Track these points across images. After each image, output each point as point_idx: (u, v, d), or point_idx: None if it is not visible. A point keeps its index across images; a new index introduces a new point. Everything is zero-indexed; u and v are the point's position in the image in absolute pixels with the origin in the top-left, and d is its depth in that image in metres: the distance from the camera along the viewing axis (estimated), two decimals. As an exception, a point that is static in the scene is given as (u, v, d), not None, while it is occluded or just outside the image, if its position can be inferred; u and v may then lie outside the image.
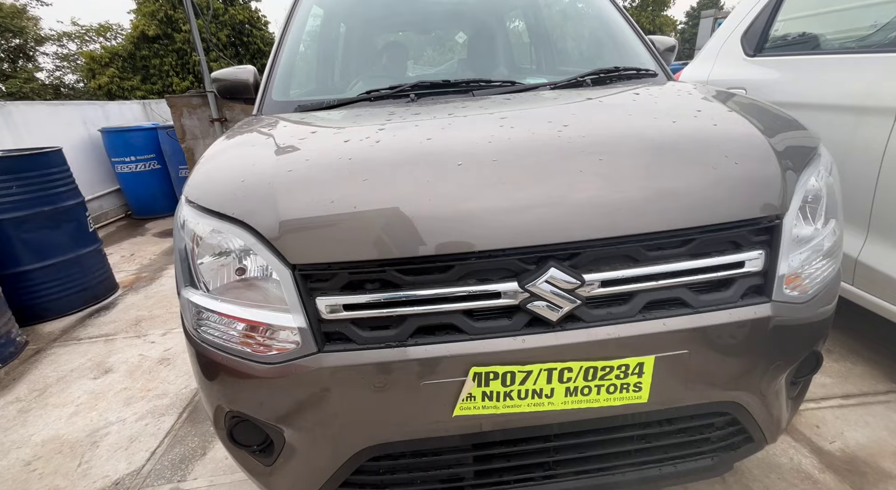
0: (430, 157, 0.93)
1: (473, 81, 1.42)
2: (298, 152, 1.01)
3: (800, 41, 2.11)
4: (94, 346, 2.45)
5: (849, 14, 2.05)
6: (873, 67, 1.61)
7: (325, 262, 0.84)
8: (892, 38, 1.65)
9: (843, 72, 1.72)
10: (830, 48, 1.97)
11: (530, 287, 0.83)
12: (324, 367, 0.85)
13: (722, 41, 2.47)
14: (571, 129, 0.99)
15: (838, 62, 1.77)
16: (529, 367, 0.85)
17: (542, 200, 0.84)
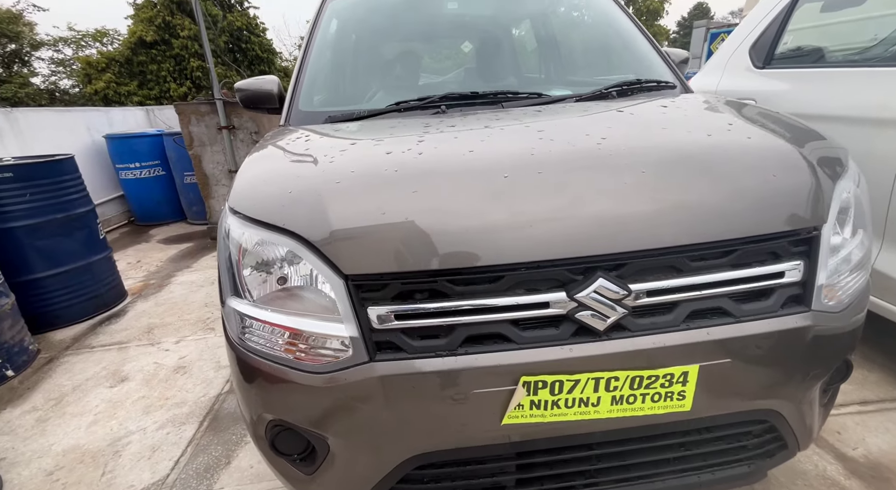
0: (476, 170, 0.95)
1: (501, 93, 1.45)
2: (343, 164, 1.03)
3: (810, 53, 2.16)
4: (108, 355, 2.44)
5: (860, 26, 2.10)
6: (890, 80, 1.66)
7: (378, 273, 0.86)
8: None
9: (858, 84, 1.76)
10: (844, 61, 2.02)
11: (578, 297, 0.85)
12: (375, 377, 0.86)
13: (729, 53, 2.52)
14: (610, 141, 1.01)
15: (853, 75, 1.82)
16: (577, 376, 0.87)
17: (589, 212, 0.86)
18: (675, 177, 0.91)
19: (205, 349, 2.41)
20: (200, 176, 4.27)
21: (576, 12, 1.90)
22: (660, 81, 1.58)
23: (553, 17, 1.92)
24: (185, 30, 14.23)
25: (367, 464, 0.96)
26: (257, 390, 0.99)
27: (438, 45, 1.81)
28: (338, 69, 1.76)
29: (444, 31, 1.84)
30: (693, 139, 1.02)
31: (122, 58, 15.05)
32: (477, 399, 0.88)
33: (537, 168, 0.94)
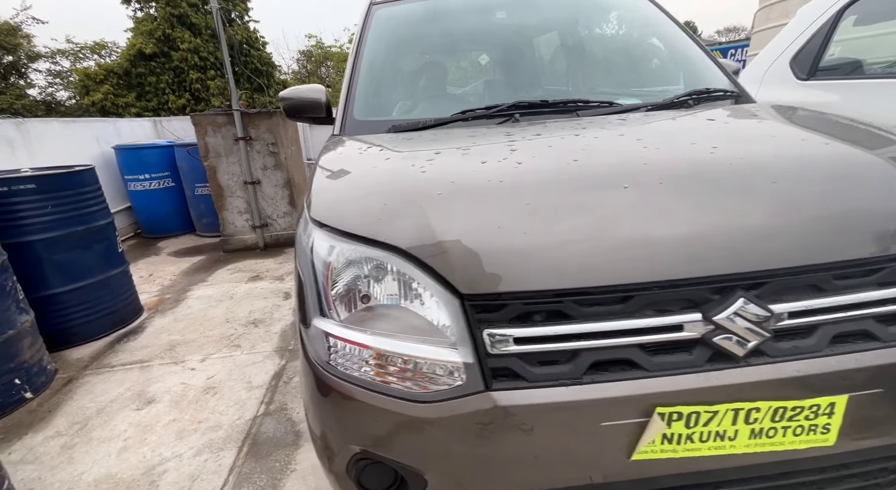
0: (590, 180, 0.89)
1: (571, 102, 1.39)
2: (437, 174, 0.96)
3: (861, 64, 2.14)
4: (131, 374, 2.32)
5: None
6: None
7: (497, 292, 0.78)
8: None
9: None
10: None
11: (717, 319, 0.77)
12: (492, 407, 0.78)
13: (766, 66, 2.50)
14: (723, 151, 0.95)
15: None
16: (715, 408, 0.79)
17: (724, 226, 0.80)
18: (809, 188, 0.85)
19: (233, 368, 2.30)
20: (215, 187, 4.18)
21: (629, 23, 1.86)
22: (726, 91, 1.54)
23: (607, 28, 1.89)
24: (185, 42, 14.25)
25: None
26: (345, 420, 0.90)
27: (489, 55, 1.75)
28: (391, 78, 1.70)
29: (496, 41, 1.79)
30: (812, 148, 0.97)
31: (121, 70, 15.04)
32: (605, 433, 0.79)
33: (656, 178, 0.87)
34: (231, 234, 4.33)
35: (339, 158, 1.20)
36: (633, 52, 1.81)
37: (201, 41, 14.60)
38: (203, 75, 14.65)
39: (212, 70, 14.77)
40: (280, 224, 4.36)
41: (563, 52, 1.82)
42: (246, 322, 2.83)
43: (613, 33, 1.88)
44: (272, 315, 2.91)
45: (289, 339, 2.58)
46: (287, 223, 4.36)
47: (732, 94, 1.55)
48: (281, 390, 2.07)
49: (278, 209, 4.33)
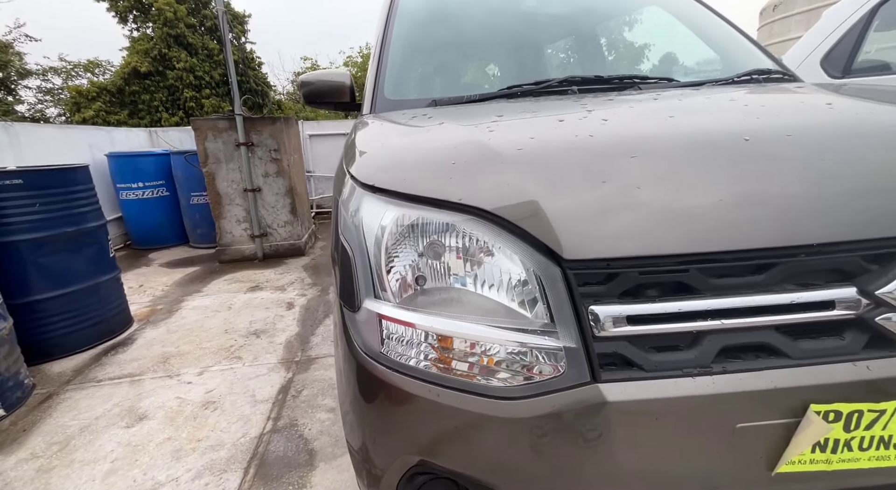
0: (700, 134, 0.75)
1: (628, 77, 1.28)
2: (510, 132, 0.82)
3: (887, 61, 2.09)
4: (119, 389, 2.09)
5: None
6: None
7: (606, 258, 0.63)
8: None
9: None
10: None
11: (880, 293, 0.62)
12: (602, 403, 0.61)
13: (796, 65, 2.45)
14: (833, 114, 0.83)
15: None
16: (882, 406, 0.63)
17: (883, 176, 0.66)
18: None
19: (234, 381, 2.08)
20: (213, 195, 4.01)
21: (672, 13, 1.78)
22: (784, 73, 1.44)
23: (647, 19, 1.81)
24: (181, 62, 14.27)
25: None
26: (401, 423, 0.73)
27: (527, 38, 1.65)
28: (424, 58, 1.58)
29: (536, 26, 1.69)
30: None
31: (114, 87, 14.96)
32: (742, 438, 0.63)
33: (782, 132, 0.74)
34: (228, 244, 4.13)
35: (380, 129, 1.06)
36: (679, 40, 1.72)
37: (197, 61, 14.64)
38: (198, 94, 14.62)
39: (207, 89, 14.75)
40: (280, 234, 4.18)
41: (606, 39, 1.73)
42: (247, 333, 2.62)
43: (654, 23, 1.80)
44: (275, 325, 2.71)
45: (295, 351, 2.37)
46: (288, 233, 4.18)
47: (789, 76, 1.46)
48: (290, 405, 1.86)
49: (279, 218, 4.15)
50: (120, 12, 14.74)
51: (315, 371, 2.14)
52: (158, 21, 14.22)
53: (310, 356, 2.30)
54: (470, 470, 0.70)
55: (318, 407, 1.84)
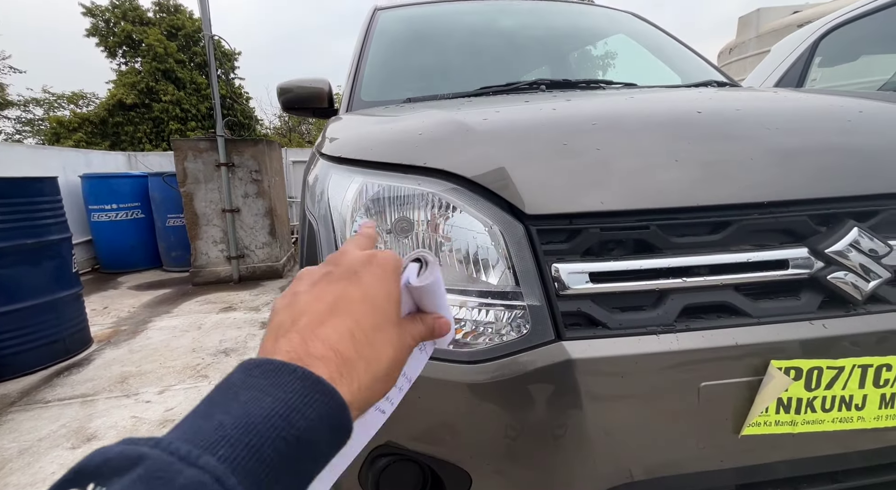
0: (656, 109, 0.78)
1: (593, 81, 1.34)
2: (477, 109, 0.84)
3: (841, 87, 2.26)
4: (69, 410, 1.94)
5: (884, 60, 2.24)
6: None
7: (568, 213, 0.63)
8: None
9: None
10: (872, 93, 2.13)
11: (831, 251, 0.64)
12: (568, 360, 0.60)
13: (751, 93, 2.63)
14: (782, 102, 0.88)
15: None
16: (840, 362, 0.63)
17: (822, 146, 0.70)
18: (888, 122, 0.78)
19: (197, 399, 1.95)
20: (190, 215, 3.94)
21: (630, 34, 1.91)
22: (732, 82, 1.55)
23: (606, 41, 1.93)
24: (168, 95, 14.39)
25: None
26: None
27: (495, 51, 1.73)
28: (398, 68, 1.64)
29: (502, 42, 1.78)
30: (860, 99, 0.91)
31: (97, 118, 14.90)
32: (706, 397, 0.62)
33: (734, 108, 0.78)
34: (202, 266, 4.01)
35: (353, 119, 1.07)
36: (637, 59, 1.84)
37: (184, 94, 14.79)
38: (183, 126, 14.67)
39: (193, 121, 14.85)
40: (258, 255, 4.10)
41: (570, 56, 1.83)
42: (216, 351, 2.50)
43: (616, 44, 1.92)
44: (247, 344, 2.60)
45: (264, 368, 2.26)
46: (266, 254, 4.11)
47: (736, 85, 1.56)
48: (254, 421, 1.75)
49: (257, 239, 4.09)
50: (109, 47, 14.94)
51: (284, 388, 2.04)
52: (148, 56, 14.41)
53: (280, 374, 2.20)
54: (435, 447, 0.66)
55: (284, 423, 1.74)
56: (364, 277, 0.34)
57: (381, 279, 0.34)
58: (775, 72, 2.52)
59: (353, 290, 0.33)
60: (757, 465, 0.66)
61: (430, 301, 0.39)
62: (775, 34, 4.18)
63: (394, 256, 0.37)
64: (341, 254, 0.37)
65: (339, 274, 0.34)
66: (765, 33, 4.64)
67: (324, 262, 0.37)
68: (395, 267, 0.36)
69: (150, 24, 14.74)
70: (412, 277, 0.38)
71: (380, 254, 0.36)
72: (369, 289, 0.33)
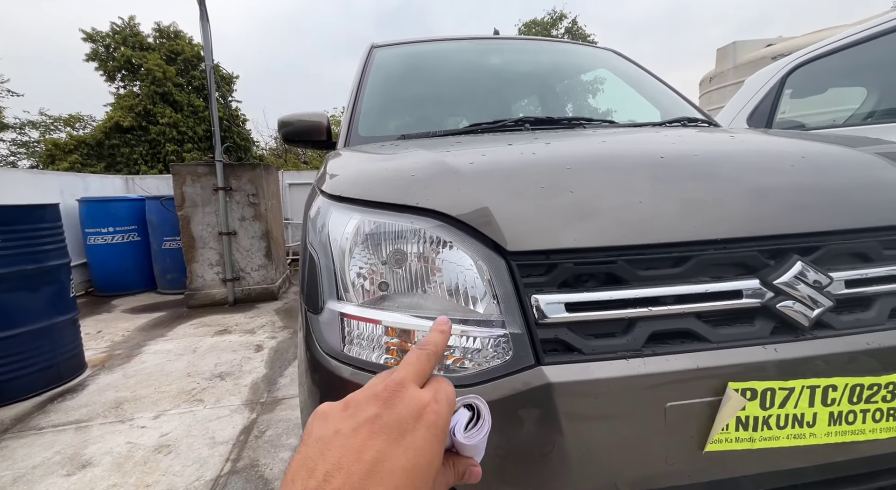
0: (627, 153, 0.88)
1: (576, 119, 1.45)
2: (464, 152, 0.93)
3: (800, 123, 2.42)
4: (63, 436, 1.94)
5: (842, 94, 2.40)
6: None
7: (546, 250, 0.71)
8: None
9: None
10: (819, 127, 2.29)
11: (779, 282, 0.72)
12: (545, 384, 0.66)
13: (728, 122, 2.77)
14: (739, 144, 0.98)
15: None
16: (790, 384, 0.70)
17: (772, 187, 0.79)
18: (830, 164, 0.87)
19: (193, 423, 1.98)
20: (187, 238, 3.99)
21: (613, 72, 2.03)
22: (709, 121, 1.66)
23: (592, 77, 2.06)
24: (166, 117, 14.55)
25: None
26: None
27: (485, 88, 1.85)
28: (394, 104, 1.74)
29: (492, 78, 1.90)
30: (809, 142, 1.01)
31: (94, 140, 14.98)
32: (673, 416, 0.68)
33: (692, 153, 0.87)
34: (198, 289, 4.04)
35: (351, 156, 1.16)
36: (617, 94, 1.96)
37: (182, 117, 14.97)
38: (180, 148, 14.79)
39: (189, 143, 14.98)
40: (253, 277, 4.14)
41: (554, 92, 1.95)
42: (210, 375, 2.51)
43: (600, 79, 2.05)
44: (241, 367, 2.61)
45: (261, 392, 2.29)
46: (261, 276, 4.15)
47: (711, 123, 1.68)
48: (251, 445, 1.78)
49: (253, 262, 4.13)
50: (108, 71, 15.16)
51: (281, 411, 2.07)
52: (146, 80, 14.62)
53: (276, 397, 2.23)
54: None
55: (281, 446, 1.76)
56: (413, 440, 0.31)
57: (429, 443, 0.31)
58: (749, 103, 2.68)
59: (399, 456, 0.29)
60: (723, 479, 0.72)
61: (469, 450, 0.37)
62: (751, 65, 4.41)
63: (445, 413, 0.34)
64: (397, 386, 0.34)
65: (387, 424, 0.31)
66: (741, 64, 4.89)
67: (375, 387, 0.34)
68: (444, 426, 0.33)
69: (149, 50, 15.03)
70: (459, 429, 0.36)
71: (430, 409, 0.33)
72: (416, 457, 0.30)
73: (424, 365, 0.38)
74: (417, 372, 0.37)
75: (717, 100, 5.47)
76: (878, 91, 2.28)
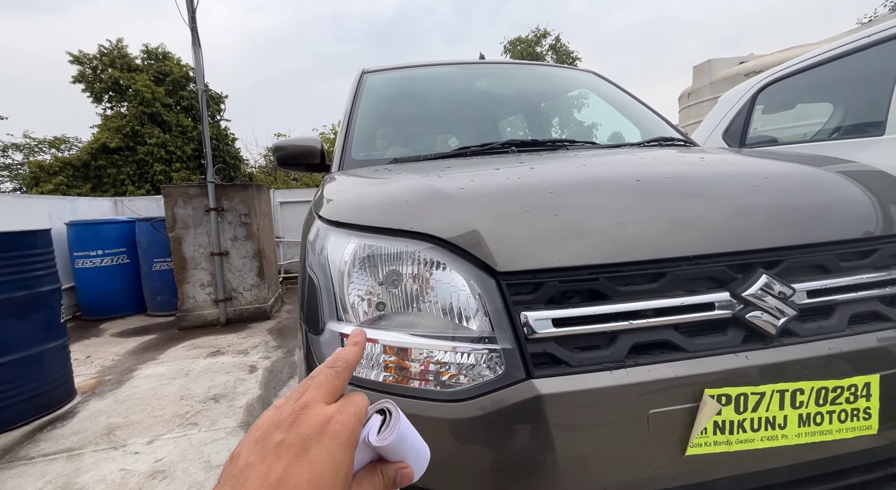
0: (606, 176, 0.94)
1: (559, 141, 1.52)
2: (454, 177, 0.99)
3: (773, 139, 2.55)
4: (54, 465, 1.92)
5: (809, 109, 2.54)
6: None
7: (534, 270, 0.76)
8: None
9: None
10: (791, 142, 2.43)
11: (746, 295, 0.78)
12: (536, 396, 0.71)
13: (704, 137, 2.90)
14: (711, 166, 1.05)
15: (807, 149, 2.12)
16: (762, 388, 0.76)
17: (737, 206, 0.85)
18: (790, 184, 0.95)
19: (188, 447, 1.97)
20: (178, 260, 3.98)
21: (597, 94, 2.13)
22: (686, 140, 1.75)
23: (575, 98, 2.16)
24: (154, 138, 14.50)
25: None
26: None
27: (472, 112, 1.93)
28: (386, 128, 1.81)
29: (478, 102, 1.99)
30: (777, 161, 1.09)
31: (79, 162, 14.84)
32: (655, 423, 0.73)
33: (664, 173, 0.94)
34: (189, 310, 4.01)
35: (346, 181, 1.21)
36: (599, 113, 2.05)
37: (170, 137, 14.94)
38: (168, 168, 14.72)
39: (178, 163, 14.92)
40: (246, 297, 4.13)
41: (538, 113, 2.04)
42: (204, 398, 2.50)
43: (581, 101, 2.14)
44: (236, 389, 2.60)
45: (256, 414, 2.28)
46: (254, 296, 4.14)
47: (687, 141, 1.77)
48: (246, 467, 1.77)
49: (245, 282, 4.13)
50: (96, 93, 15.13)
51: (275, 432, 2.06)
52: (134, 100, 14.60)
53: (270, 418, 2.22)
54: (423, 481, 0.75)
55: (277, 468, 1.76)
56: (314, 454, 0.32)
57: (331, 453, 0.32)
58: (723, 120, 2.80)
59: (304, 471, 0.31)
60: (705, 481, 0.77)
61: (392, 454, 0.38)
62: (726, 81, 4.61)
63: (351, 423, 0.35)
64: (302, 408, 0.35)
65: (291, 444, 0.32)
66: (717, 81, 5.10)
67: (282, 413, 0.35)
68: (349, 436, 0.34)
69: (137, 71, 15.06)
70: (373, 433, 0.37)
71: (336, 420, 0.34)
72: (317, 468, 0.31)
73: (334, 382, 0.38)
74: (327, 391, 0.37)
75: (696, 114, 5.68)
76: (842, 107, 2.42)
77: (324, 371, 0.39)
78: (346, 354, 0.41)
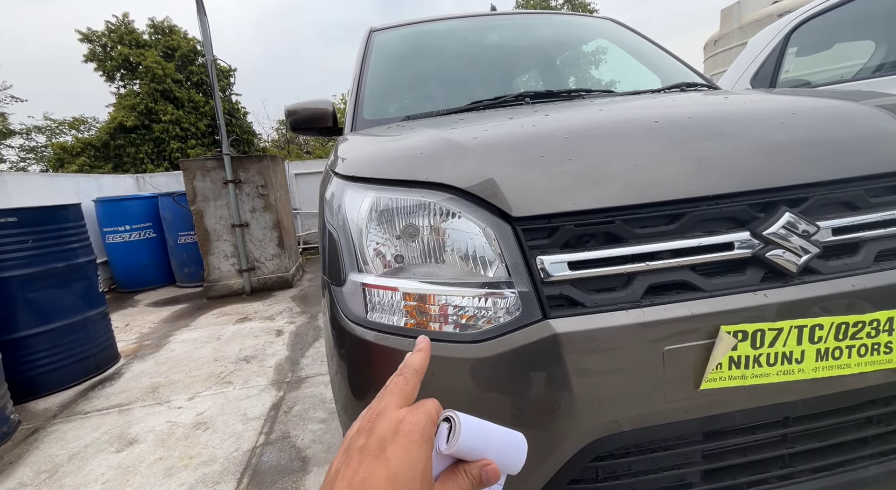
0: (622, 118, 0.92)
1: (574, 91, 1.48)
2: (467, 128, 0.98)
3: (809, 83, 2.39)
4: (108, 418, 2.08)
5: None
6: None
7: (549, 214, 0.76)
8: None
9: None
10: (826, 83, 2.28)
11: (767, 233, 0.77)
12: (552, 335, 0.73)
13: (731, 85, 2.75)
14: (734, 105, 1.01)
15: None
16: (780, 324, 0.76)
17: (763, 143, 0.83)
18: (819, 118, 0.91)
19: (225, 403, 2.10)
20: (201, 232, 4.10)
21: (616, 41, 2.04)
22: (710, 84, 1.67)
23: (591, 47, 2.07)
24: (168, 115, 14.59)
25: (532, 462, 0.78)
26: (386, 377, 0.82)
27: (484, 65, 1.87)
28: (396, 85, 1.78)
29: (490, 54, 1.92)
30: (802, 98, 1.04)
31: (99, 142, 15.10)
32: (670, 359, 0.75)
33: (685, 116, 0.91)
34: (216, 280, 4.17)
35: (359, 139, 1.21)
36: (617, 63, 1.97)
37: (183, 113, 15.00)
38: (183, 145, 14.88)
39: (192, 139, 15.05)
40: (268, 267, 4.25)
41: (555, 65, 1.96)
42: (237, 359, 2.64)
43: (598, 55, 2.05)
44: (265, 351, 2.74)
45: (285, 373, 2.41)
46: (276, 265, 4.26)
47: (710, 85, 1.69)
48: (281, 420, 1.89)
49: (266, 252, 4.24)
50: (107, 71, 15.18)
51: (306, 388, 2.18)
52: (146, 78, 14.62)
53: (300, 376, 2.34)
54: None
55: (310, 419, 1.88)
56: (389, 453, 0.34)
57: (406, 451, 0.34)
58: (752, 65, 2.65)
59: (378, 469, 0.33)
60: (717, 414, 0.79)
61: (469, 455, 0.39)
62: (757, 24, 4.30)
63: (423, 422, 0.37)
64: (377, 415, 0.38)
65: (370, 447, 0.35)
66: (746, 24, 4.77)
67: (362, 421, 0.38)
68: (422, 434, 0.36)
69: (146, 47, 14.99)
70: (441, 443, 0.38)
71: (407, 421, 0.36)
72: (393, 465, 0.33)
73: (404, 388, 0.41)
74: (400, 397, 0.40)
75: (722, 63, 5.35)
76: (886, 43, 2.25)
77: (394, 379, 0.42)
78: (412, 361, 0.44)
